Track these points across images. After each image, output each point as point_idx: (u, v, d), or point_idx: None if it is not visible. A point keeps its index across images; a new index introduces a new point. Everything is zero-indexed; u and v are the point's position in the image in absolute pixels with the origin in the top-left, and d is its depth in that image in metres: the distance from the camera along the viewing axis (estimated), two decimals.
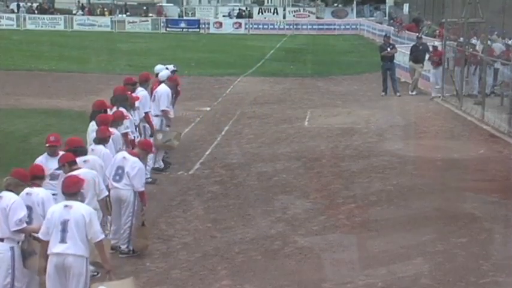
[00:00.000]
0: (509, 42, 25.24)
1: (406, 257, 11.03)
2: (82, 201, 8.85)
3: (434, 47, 26.21)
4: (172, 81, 16.51)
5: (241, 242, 11.82)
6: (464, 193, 14.37)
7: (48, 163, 10.33)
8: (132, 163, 11.26)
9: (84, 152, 10.75)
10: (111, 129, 12.08)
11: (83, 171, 9.93)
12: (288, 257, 11.18)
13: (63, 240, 8.45)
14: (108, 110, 13.15)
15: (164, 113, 15.82)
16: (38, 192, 9.08)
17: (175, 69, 17.93)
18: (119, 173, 11.22)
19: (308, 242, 11.76)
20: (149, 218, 11.85)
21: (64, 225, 8.45)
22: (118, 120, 12.81)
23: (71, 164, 9.97)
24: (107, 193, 10.64)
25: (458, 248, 11.33)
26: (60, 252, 8.45)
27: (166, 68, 17.27)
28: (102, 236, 8.71)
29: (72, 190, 8.70)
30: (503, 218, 12.93)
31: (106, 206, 10.64)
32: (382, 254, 11.16)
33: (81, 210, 8.54)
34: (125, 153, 11.56)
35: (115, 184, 11.18)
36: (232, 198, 14.25)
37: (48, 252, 8.53)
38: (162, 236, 11.95)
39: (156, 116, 15.70)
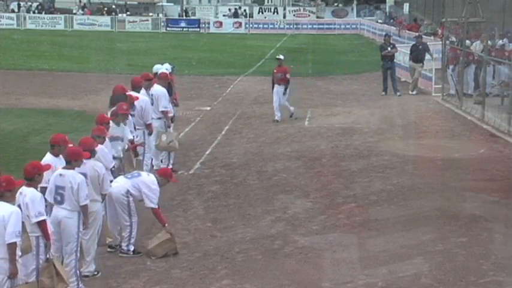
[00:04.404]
0: (504, 41, 25.23)
1: (406, 256, 11.03)
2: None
3: (279, 59, 22.01)
4: (162, 78, 16.09)
5: (241, 242, 11.82)
6: (464, 193, 14.37)
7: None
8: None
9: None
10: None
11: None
12: (288, 256, 11.18)
13: None
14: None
15: (164, 113, 15.60)
16: (26, 193, 9.01)
17: (172, 67, 17.82)
18: None
19: (308, 241, 11.76)
20: (149, 218, 11.84)
21: None
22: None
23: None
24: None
25: (459, 248, 11.33)
26: None
27: (166, 69, 17.15)
28: (15, 240, 8.30)
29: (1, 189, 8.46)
30: (504, 217, 12.93)
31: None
32: (382, 253, 11.16)
33: (2, 211, 8.31)
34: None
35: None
36: (233, 198, 14.26)
37: None
38: None
39: (159, 118, 15.39)
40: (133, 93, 14.47)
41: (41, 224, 8.96)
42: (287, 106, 22.05)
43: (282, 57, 22.15)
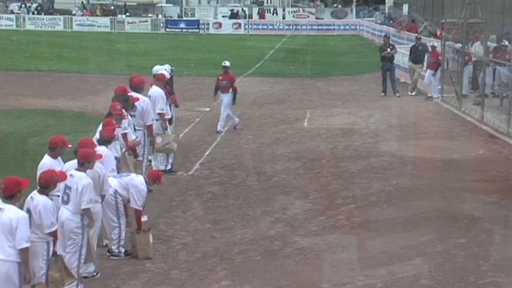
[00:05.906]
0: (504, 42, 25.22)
1: (406, 257, 11.04)
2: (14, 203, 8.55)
3: (225, 66, 20.80)
4: (160, 79, 16.03)
5: (240, 243, 11.82)
6: (463, 193, 14.37)
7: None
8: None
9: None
10: None
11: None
12: (288, 257, 11.19)
13: None
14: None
15: (161, 115, 15.52)
16: (39, 201, 8.98)
17: (171, 68, 17.80)
18: None
19: (307, 242, 11.77)
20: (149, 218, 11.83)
21: None
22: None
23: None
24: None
25: (458, 249, 11.34)
26: None
27: (165, 70, 17.13)
28: (26, 245, 8.34)
29: (8, 193, 8.44)
30: (503, 218, 12.94)
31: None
32: (381, 254, 11.16)
33: (10, 214, 8.30)
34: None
35: None
36: (232, 199, 14.26)
37: None
38: (161, 237, 11.94)
39: (156, 120, 15.42)
40: (134, 94, 14.49)
41: (53, 234, 9.04)
42: (231, 116, 20.61)
43: (228, 63, 20.76)
